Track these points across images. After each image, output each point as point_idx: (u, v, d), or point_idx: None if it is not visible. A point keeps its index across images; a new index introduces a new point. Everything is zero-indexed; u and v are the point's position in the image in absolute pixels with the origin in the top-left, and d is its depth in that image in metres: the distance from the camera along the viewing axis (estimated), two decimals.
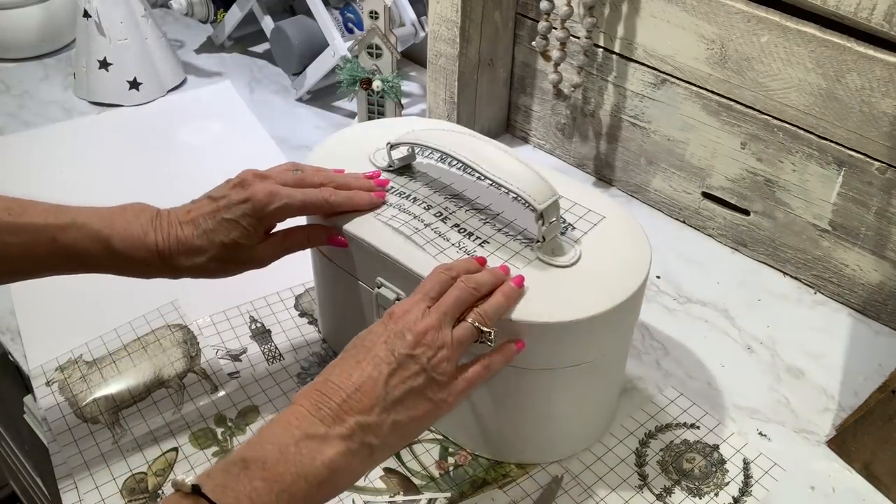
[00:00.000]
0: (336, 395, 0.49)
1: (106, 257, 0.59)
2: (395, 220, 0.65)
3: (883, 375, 0.74)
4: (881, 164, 0.74)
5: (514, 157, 0.62)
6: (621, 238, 0.64)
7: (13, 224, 0.57)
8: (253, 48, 1.26)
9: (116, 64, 1.08)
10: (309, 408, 0.49)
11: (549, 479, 0.65)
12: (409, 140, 0.67)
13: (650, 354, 0.77)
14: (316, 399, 0.49)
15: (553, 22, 0.90)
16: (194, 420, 0.69)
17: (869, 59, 0.70)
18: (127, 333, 0.76)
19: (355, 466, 0.49)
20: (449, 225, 0.65)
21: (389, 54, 0.97)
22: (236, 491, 0.44)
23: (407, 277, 0.61)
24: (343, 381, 0.50)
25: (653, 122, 0.90)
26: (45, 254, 0.58)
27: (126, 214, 0.60)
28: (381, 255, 0.62)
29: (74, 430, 0.68)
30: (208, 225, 0.61)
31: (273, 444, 0.46)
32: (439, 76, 0.97)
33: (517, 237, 0.64)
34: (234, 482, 0.44)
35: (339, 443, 0.48)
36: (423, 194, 0.68)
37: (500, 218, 0.66)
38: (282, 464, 0.46)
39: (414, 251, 0.62)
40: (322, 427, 0.48)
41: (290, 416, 0.48)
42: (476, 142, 0.65)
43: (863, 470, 0.67)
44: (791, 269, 0.86)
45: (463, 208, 0.67)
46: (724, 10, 0.77)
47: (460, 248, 0.62)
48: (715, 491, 0.65)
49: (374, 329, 0.53)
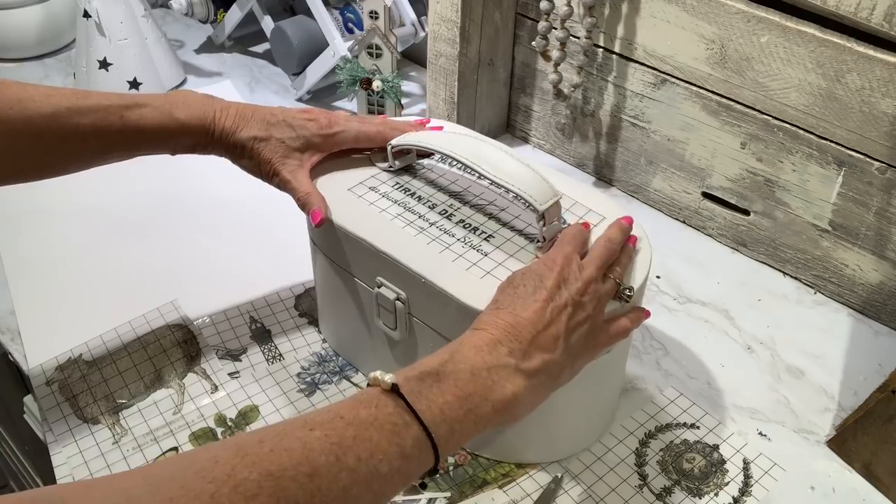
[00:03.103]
0: (527, 332, 0.51)
1: (170, 130, 0.65)
2: (400, 220, 0.65)
3: (883, 375, 0.74)
4: (881, 164, 0.74)
5: (515, 158, 0.62)
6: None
7: (83, 106, 0.62)
8: (253, 48, 1.26)
9: (116, 64, 1.08)
10: (499, 337, 0.51)
11: (550, 479, 0.65)
12: (411, 142, 0.67)
13: (650, 354, 0.77)
14: (508, 331, 0.51)
15: (553, 22, 0.90)
16: (194, 420, 0.69)
17: (869, 59, 0.70)
18: (127, 333, 0.76)
19: (533, 400, 0.51)
20: (454, 221, 0.65)
21: (389, 54, 0.97)
22: (430, 400, 0.46)
23: (407, 277, 0.61)
24: (531, 317, 0.52)
25: (653, 122, 0.90)
26: (115, 130, 0.63)
27: (185, 95, 0.67)
28: (381, 255, 0.62)
29: (75, 430, 0.68)
30: (271, 119, 0.68)
31: (465, 365, 0.48)
32: (439, 76, 0.97)
33: (521, 234, 0.64)
34: (428, 391, 0.46)
35: (525, 377, 0.50)
36: (427, 193, 0.68)
37: (503, 214, 0.66)
38: (472, 384, 0.48)
39: (415, 250, 0.62)
40: (512, 359, 0.50)
41: (478, 340, 0.50)
42: (476, 143, 0.65)
43: (863, 470, 0.67)
44: (791, 269, 0.86)
45: (466, 205, 0.67)
46: (724, 10, 0.77)
47: (465, 242, 0.63)
48: (715, 491, 0.65)
49: (538, 269, 0.55)
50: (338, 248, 0.66)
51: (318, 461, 0.41)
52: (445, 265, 0.61)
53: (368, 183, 0.69)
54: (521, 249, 0.62)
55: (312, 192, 0.66)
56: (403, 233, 0.64)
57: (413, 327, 0.64)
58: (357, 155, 0.72)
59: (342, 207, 0.66)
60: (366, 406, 0.45)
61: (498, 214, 0.66)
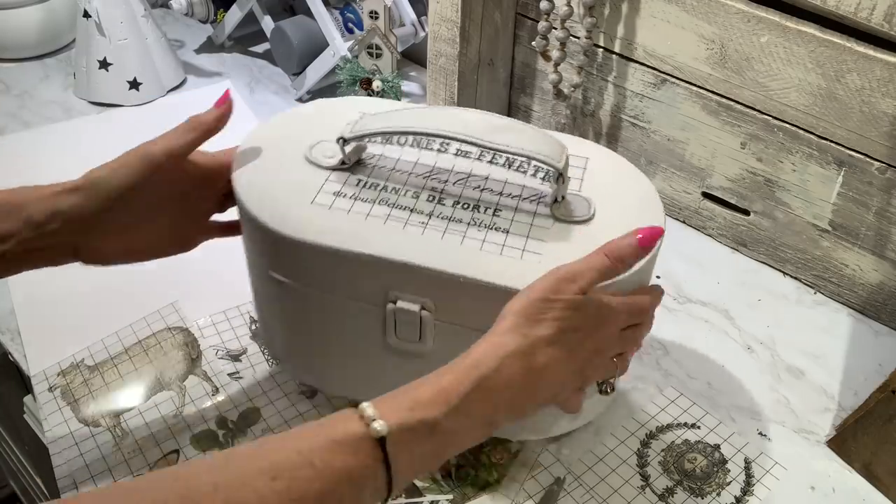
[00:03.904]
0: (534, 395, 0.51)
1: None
2: (394, 220, 0.58)
3: (883, 375, 0.75)
4: (881, 164, 0.74)
5: (499, 118, 0.57)
6: (614, 174, 0.63)
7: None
8: (253, 48, 1.26)
9: (116, 64, 1.08)
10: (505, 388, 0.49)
11: (552, 480, 0.66)
12: (375, 129, 0.58)
13: (650, 354, 0.77)
14: (518, 386, 0.49)
15: (553, 22, 0.90)
16: (195, 422, 0.69)
17: (869, 59, 0.70)
18: (128, 336, 0.76)
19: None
20: (449, 205, 0.59)
21: (389, 54, 0.97)
22: (411, 457, 0.43)
23: (436, 283, 0.55)
24: (549, 376, 0.51)
25: (653, 122, 0.90)
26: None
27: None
28: (398, 265, 0.55)
29: (76, 433, 0.68)
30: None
31: (467, 421, 0.46)
32: (439, 76, 0.97)
33: (524, 199, 0.60)
34: (415, 447, 0.43)
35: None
36: (399, 181, 0.60)
37: (490, 183, 0.61)
38: (464, 442, 0.47)
39: (434, 249, 0.55)
40: (513, 416, 0.49)
41: (492, 384, 0.47)
42: (456, 114, 0.58)
43: (863, 470, 0.67)
44: (791, 269, 0.86)
45: (449, 183, 0.60)
46: (724, 10, 0.77)
47: (478, 224, 0.57)
48: (717, 491, 0.65)
49: (588, 315, 0.52)
50: (317, 274, 0.58)
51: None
52: (476, 256, 0.55)
53: (328, 188, 0.60)
54: (536, 215, 0.58)
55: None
56: (408, 233, 0.56)
57: (442, 333, 0.58)
58: (294, 160, 0.63)
59: (319, 225, 0.57)
60: (343, 453, 0.41)
61: (486, 185, 0.61)
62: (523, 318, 0.49)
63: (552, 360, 0.50)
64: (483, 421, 0.47)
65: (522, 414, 0.50)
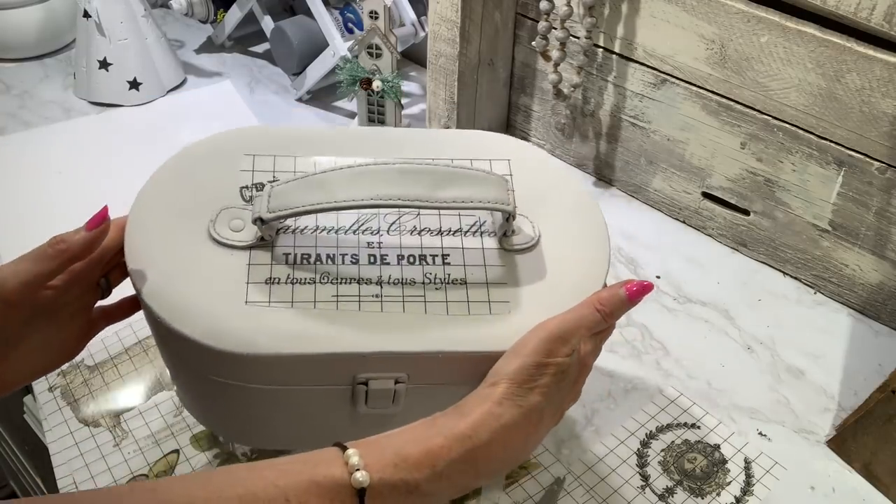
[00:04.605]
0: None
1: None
2: (347, 302, 0.51)
3: (883, 375, 0.75)
4: (881, 164, 0.74)
5: (440, 168, 0.52)
6: (538, 174, 0.60)
7: None
8: (253, 48, 1.26)
9: (116, 64, 1.08)
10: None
11: (552, 480, 0.66)
12: (305, 207, 0.50)
13: (650, 354, 0.77)
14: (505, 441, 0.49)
15: (553, 22, 0.90)
16: (195, 422, 0.69)
17: (869, 59, 0.70)
18: (128, 336, 0.76)
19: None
20: (396, 264, 0.53)
21: (389, 54, 0.97)
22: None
23: (410, 361, 0.51)
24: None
25: (653, 122, 0.90)
26: None
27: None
28: (368, 356, 0.50)
29: (76, 433, 0.68)
30: None
31: (446, 487, 0.45)
32: (439, 76, 0.97)
33: (467, 234, 0.56)
34: (391, 501, 0.43)
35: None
36: (331, 243, 0.54)
37: (425, 220, 0.57)
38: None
39: (401, 329, 0.51)
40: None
41: (478, 456, 0.46)
42: (387, 172, 0.51)
43: (863, 470, 0.67)
44: (791, 269, 0.86)
45: (382, 232, 0.55)
46: (724, 10, 0.77)
47: (434, 282, 0.53)
48: (717, 490, 0.65)
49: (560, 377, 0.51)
50: (271, 377, 0.51)
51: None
52: (445, 326, 0.51)
53: (256, 276, 0.52)
54: (486, 251, 0.56)
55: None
56: (368, 318, 0.51)
57: (414, 394, 0.54)
58: (202, 243, 0.53)
59: (266, 332, 0.49)
60: (321, 496, 0.40)
61: (421, 224, 0.56)
62: (517, 386, 0.48)
63: (542, 422, 0.50)
64: (462, 486, 0.47)
65: (501, 474, 0.50)
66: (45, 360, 0.55)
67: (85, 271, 0.54)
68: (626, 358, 0.76)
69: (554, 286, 0.55)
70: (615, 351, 0.77)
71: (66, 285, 0.53)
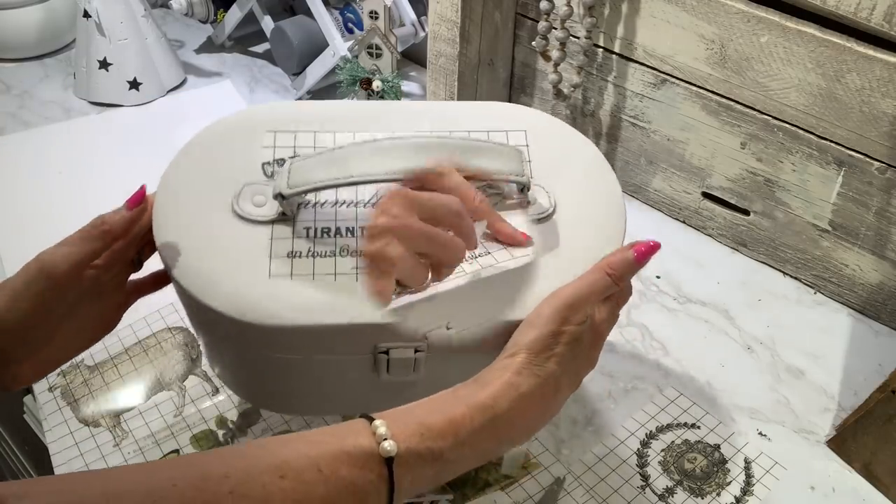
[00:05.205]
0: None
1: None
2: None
3: (883, 375, 0.75)
4: (881, 164, 0.74)
5: (457, 140, 0.54)
6: (555, 143, 0.61)
7: None
8: (253, 48, 1.26)
9: (116, 64, 1.08)
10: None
11: (552, 480, 0.66)
12: (325, 181, 0.51)
13: (650, 354, 0.77)
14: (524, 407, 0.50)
15: (553, 22, 0.90)
16: (195, 422, 0.69)
17: (869, 59, 0.70)
18: (128, 337, 0.76)
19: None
20: None
21: (389, 54, 0.97)
22: (414, 480, 0.44)
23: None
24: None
25: (653, 122, 0.90)
26: None
27: None
28: (388, 326, 0.51)
29: (76, 433, 0.68)
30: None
31: (471, 453, 0.47)
32: (439, 76, 0.97)
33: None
34: (419, 471, 0.44)
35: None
36: (351, 216, 0.54)
37: None
38: (461, 469, 0.47)
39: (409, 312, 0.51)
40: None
41: (506, 420, 0.48)
42: (408, 146, 0.52)
43: (863, 470, 0.67)
44: (791, 269, 0.86)
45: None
46: (724, 10, 0.77)
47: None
48: (717, 490, 0.65)
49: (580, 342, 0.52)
50: (294, 346, 0.53)
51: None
52: (466, 296, 0.53)
53: (279, 250, 0.53)
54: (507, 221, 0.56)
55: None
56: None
57: (435, 359, 0.54)
58: (226, 219, 0.54)
59: (289, 303, 0.51)
60: (351, 464, 0.42)
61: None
62: (534, 356, 0.50)
63: (560, 390, 0.51)
64: (485, 453, 0.48)
65: (522, 442, 0.51)
66: (88, 335, 0.58)
67: (123, 249, 0.56)
68: (626, 358, 0.76)
69: (571, 253, 0.56)
70: (615, 351, 0.77)
71: (107, 263, 0.55)
